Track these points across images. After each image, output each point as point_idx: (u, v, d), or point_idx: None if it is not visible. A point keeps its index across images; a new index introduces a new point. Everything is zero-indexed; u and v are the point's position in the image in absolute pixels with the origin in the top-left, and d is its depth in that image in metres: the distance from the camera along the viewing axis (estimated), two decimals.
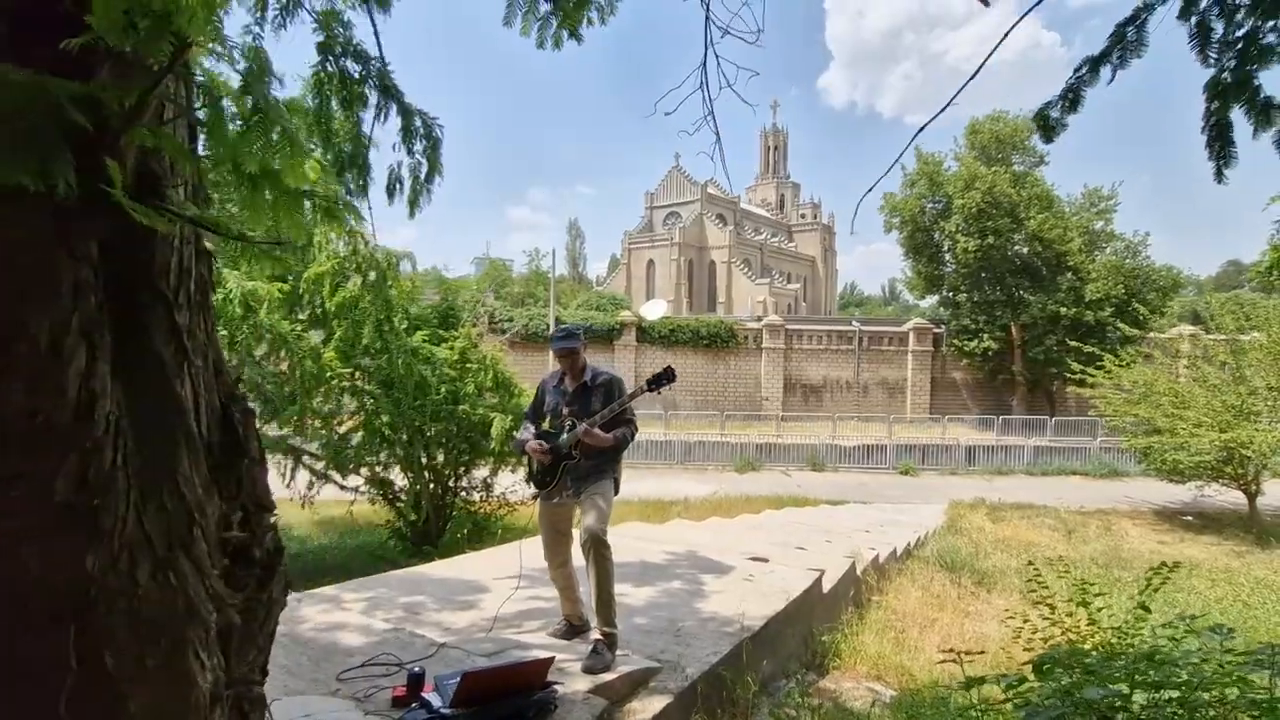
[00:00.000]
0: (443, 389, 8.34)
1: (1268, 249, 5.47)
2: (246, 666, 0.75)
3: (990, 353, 27.58)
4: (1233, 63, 1.63)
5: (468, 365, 8.72)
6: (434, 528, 9.37)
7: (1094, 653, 2.65)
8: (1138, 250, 26.71)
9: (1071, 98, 1.94)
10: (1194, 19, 1.73)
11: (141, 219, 0.51)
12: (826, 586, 5.57)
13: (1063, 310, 25.73)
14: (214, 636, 0.69)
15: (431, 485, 9.27)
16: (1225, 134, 1.71)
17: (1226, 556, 13.29)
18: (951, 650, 3.35)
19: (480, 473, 9.57)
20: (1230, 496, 15.29)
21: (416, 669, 2.60)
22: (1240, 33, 1.64)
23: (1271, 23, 1.60)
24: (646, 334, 29.77)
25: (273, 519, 0.81)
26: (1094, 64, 1.89)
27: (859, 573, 6.53)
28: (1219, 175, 1.73)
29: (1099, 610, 4.13)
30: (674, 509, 13.70)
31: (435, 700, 2.38)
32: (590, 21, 2.31)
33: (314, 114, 3.91)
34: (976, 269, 27.66)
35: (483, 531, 9.57)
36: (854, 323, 33.84)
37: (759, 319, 32.26)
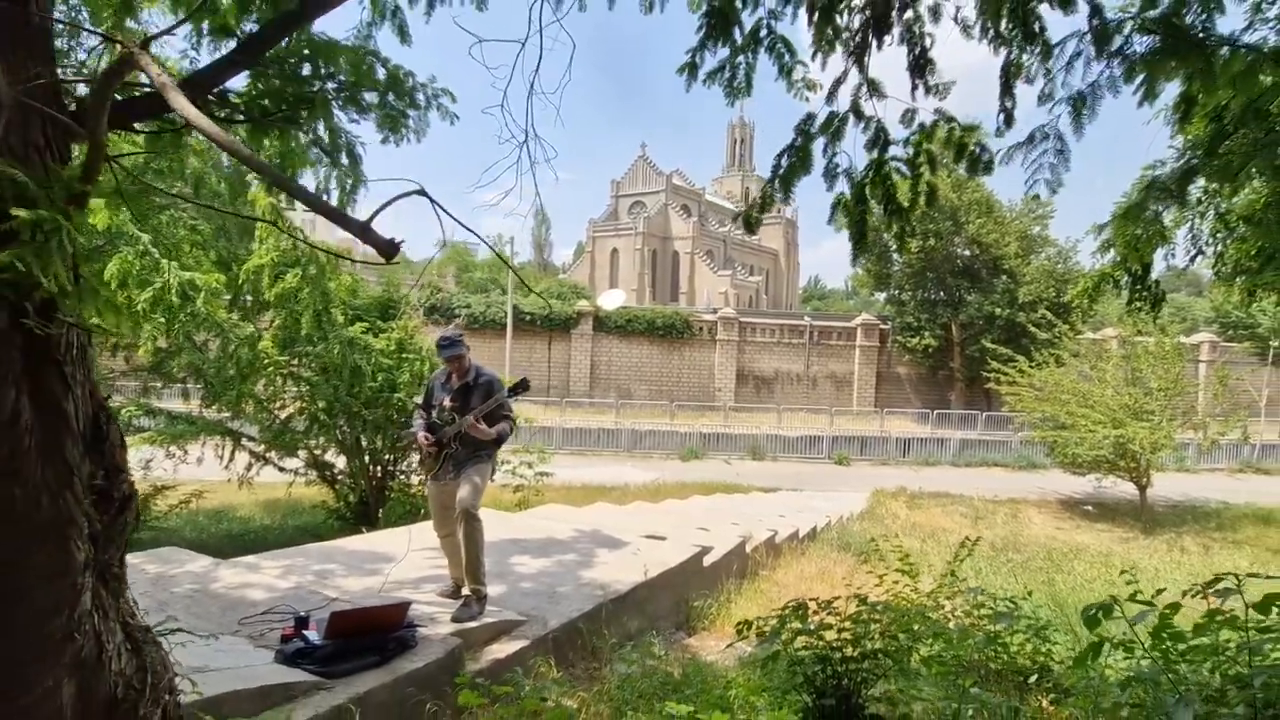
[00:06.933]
0: (379, 377, 8.81)
1: (1088, 272, 6.32)
2: (107, 556, 1.35)
3: (931, 349, 28.94)
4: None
5: (405, 355, 9.21)
6: (372, 509, 9.86)
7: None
8: (1068, 255, 28.27)
9: (764, 202, 2.61)
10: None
11: (40, 332, 1.10)
12: (709, 561, 6.30)
13: (998, 311, 27.17)
14: (87, 535, 1.29)
15: (370, 468, 9.75)
16: (863, 225, 2.41)
17: (1114, 542, 14.59)
18: (774, 609, 4.09)
19: (417, 457, 10.07)
20: (1125, 488, 16.68)
21: (303, 614, 3.20)
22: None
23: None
24: (603, 324, 30.37)
25: (127, 477, 1.40)
26: (782, 179, 2.55)
27: (748, 550, 7.29)
28: (856, 257, 2.42)
29: (916, 578, 4.99)
30: (611, 494, 14.38)
31: (312, 636, 2.98)
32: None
33: (248, 129, 4.41)
34: (920, 268, 28.92)
35: (418, 513, 10.11)
36: (805, 317, 34.99)
37: (714, 311, 33.09)
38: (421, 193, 1.09)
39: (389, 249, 1.00)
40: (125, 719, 1.29)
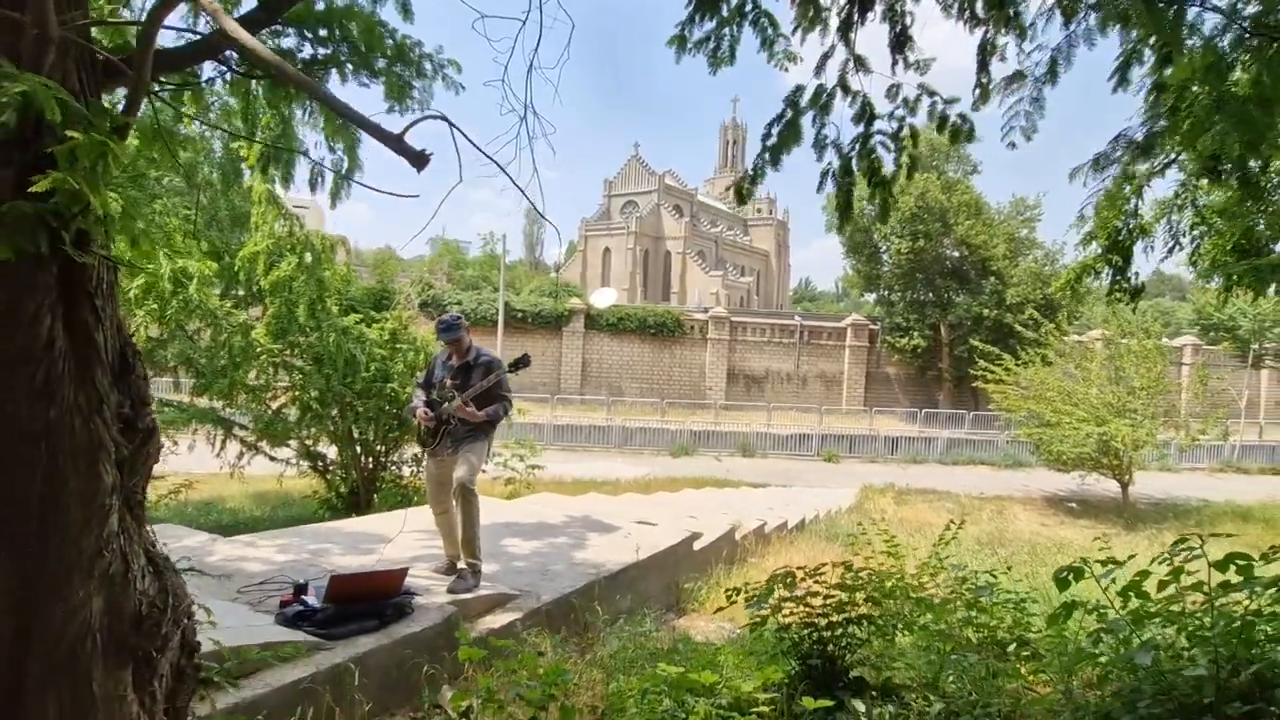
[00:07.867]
0: (372, 367, 8.84)
1: (1071, 265, 6.49)
2: (133, 482, 1.43)
3: (920, 349, 29.23)
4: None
5: (398, 346, 9.24)
6: (363, 499, 9.87)
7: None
8: (1055, 257, 28.62)
9: (755, 175, 2.71)
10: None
11: (76, 258, 1.18)
12: (699, 546, 6.40)
13: (985, 312, 27.48)
14: (114, 461, 1.37)
15: (362, 458, 9.77)
16: (850, 196, 2.51)
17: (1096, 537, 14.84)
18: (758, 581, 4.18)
19: (411, 449, 10.09)
20: (1108, 485, 16.93)
21: (302, 582, 3.26)
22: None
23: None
24: (595, 322, 30.42)
25: (150, 410, 1.48)
26: (772, 150, 2.66)
27: (737, 538, 7.39)
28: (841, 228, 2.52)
29: (901, 560, 5.12)
30: (603, 488, 14.44)
31: (312, 600, 3.05)
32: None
33: (240, 110, 4.45)
34: (909, 269, 29.20)
35: (410, 503, 10.13)
36: (796, 317, 35.24)
37: (705, 310, 33.25)
38: (443, 118, 1.18)
39: (420, 160, 1.08)
40: (150, 635, 1.37)
